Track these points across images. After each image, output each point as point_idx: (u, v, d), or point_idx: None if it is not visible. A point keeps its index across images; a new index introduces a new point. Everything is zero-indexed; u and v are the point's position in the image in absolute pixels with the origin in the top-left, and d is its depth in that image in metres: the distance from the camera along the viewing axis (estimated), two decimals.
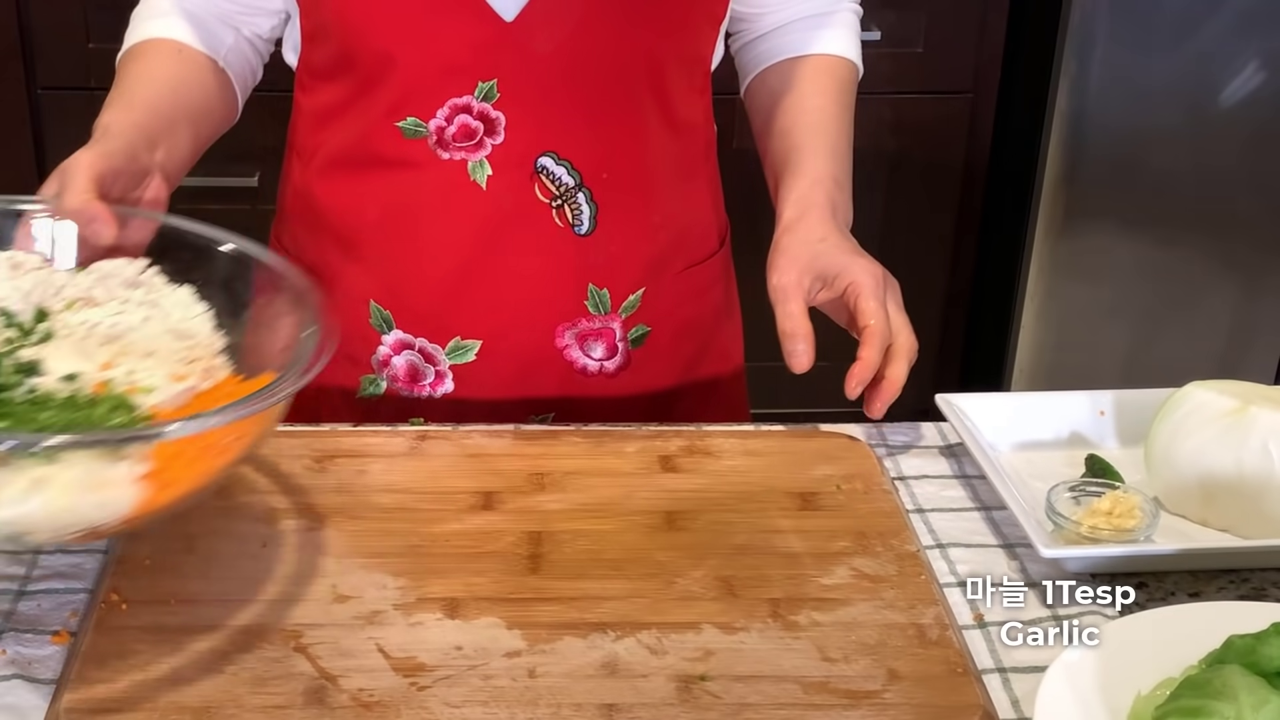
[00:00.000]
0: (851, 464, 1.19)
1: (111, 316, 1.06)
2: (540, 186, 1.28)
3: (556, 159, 1.27)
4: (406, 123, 1.26)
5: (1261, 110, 2.55)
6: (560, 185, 1.28)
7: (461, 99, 1.25)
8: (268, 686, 0.93)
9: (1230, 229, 2.63)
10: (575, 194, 1.29)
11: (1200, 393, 1.16)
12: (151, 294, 1.09)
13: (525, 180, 1.28)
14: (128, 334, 1.04)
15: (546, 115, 1.26)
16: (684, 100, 1.33)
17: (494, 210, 1.28)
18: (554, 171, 1.28)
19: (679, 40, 1.30)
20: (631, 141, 1.30)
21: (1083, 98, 2.52)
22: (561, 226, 1.30)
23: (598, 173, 1.29)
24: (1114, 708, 0.90)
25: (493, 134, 1.26)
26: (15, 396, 0.95)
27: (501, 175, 1.27)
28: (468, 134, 1.26)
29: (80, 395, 0.96)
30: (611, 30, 1.25)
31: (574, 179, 1.29)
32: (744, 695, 0.93)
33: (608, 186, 1.30)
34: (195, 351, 1.05)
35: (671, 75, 1.30)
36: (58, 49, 2.57)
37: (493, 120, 1.25)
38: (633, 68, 1.27)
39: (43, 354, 0.99)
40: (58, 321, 1.04)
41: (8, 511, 0.87)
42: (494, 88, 1.24)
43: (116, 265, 1.09)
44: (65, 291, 1.06)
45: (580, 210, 1.30)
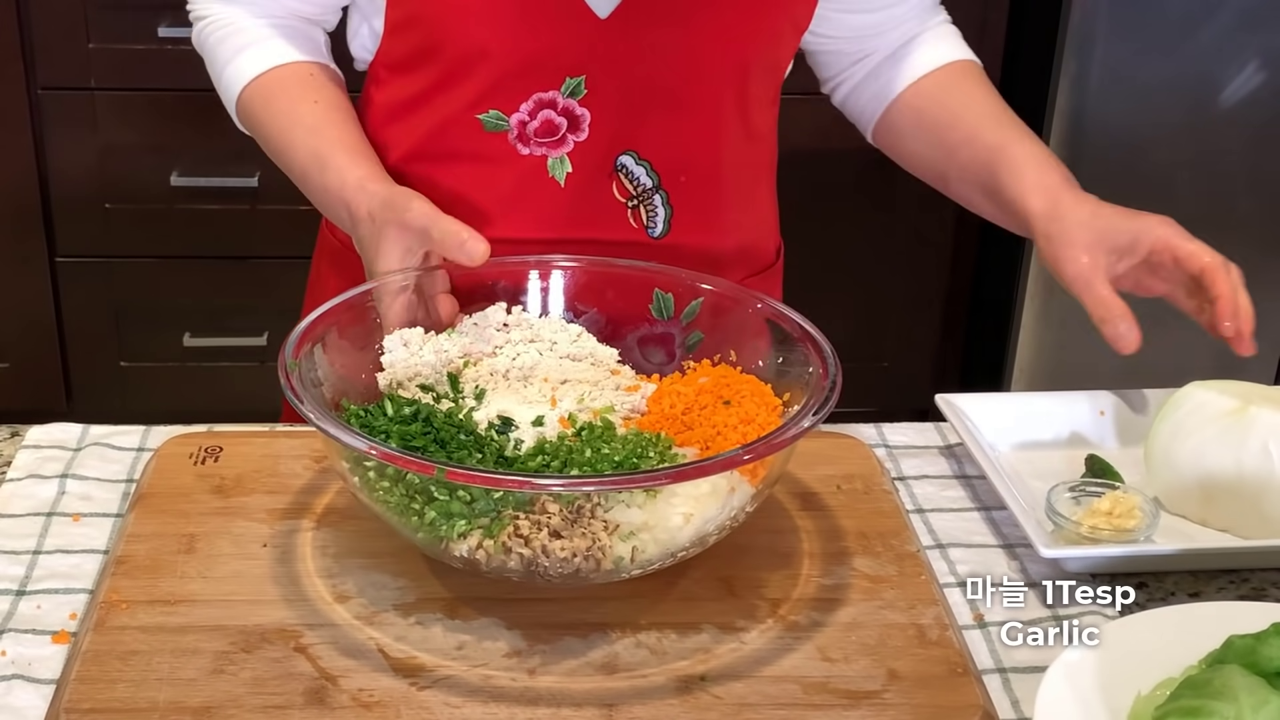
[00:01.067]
0: (851, 464, 1.19)
1: (511, 361, 1.13)
2: (619, 186, 1.28)
3: (637, 159, 1.27)
4: (489, 115, 1.25)
5: (1261, 110, 2.55)
6: (638, 185, 1.28)
7: (547, 94, 1.24)
8: (268, 686, 0.93)
9: (1230, 229, 2.62)
10: (652, 195, 1.29)
11: (1200, 393, 1.16)
12: (526, 330, 1.16)
13: (604, 178, 1.27)
14: (538, 369, 1.12)
15: (630, 114, 1.25)
16: (759, 109, 1.32)
17: (570, 208, 1.28)
18: (633, 171, 1.27)
19: (764, 46, 1.29)
20: (710, 146, 1.30)
21: (1083, 97, 2.52)
22: (636, 228, 1.30)
23: (676, 175, 1.29)
24: (1114, 708, 0.90)
25: (576, 130, 1.25)
26: (507, 446, 1.03)
27: (581, 172, 1.27)
28: (550, 129, 1.25)
29: (595, 432, 1.04)
30: (703, 33, 1.24)
31: (652, 180, 1.28)
32: (744, 695, 0.93)
33: (684, 190, 1.29)
34: (606, 366, 1.14)
35: (753, 82, 1.30)
36: (58, 49, 2.56)
37: (577, 117, 1.25)
38: (719, 72, 1.26)
39: (492, 410, 1.06)
40: (468, 379, 1.11)
41: (672, 539, 0.97)
42: (581, 84, 1.24)
43: (484, 315, 1.16)
44: (451, 353, 1.12)
45: (655, 212, 1.29)
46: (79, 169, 2.64)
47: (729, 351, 1.15)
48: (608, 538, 0.95)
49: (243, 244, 2.73)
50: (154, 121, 2.64)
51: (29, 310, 2.74)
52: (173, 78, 2.60)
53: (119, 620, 0.98)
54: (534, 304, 1.19)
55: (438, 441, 1.00)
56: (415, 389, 1.10)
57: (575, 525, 0.95)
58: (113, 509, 1.13)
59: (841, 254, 2.72)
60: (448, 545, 0.96)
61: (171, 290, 2.77)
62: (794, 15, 1.31)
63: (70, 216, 2.69)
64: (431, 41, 1.25)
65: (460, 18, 1.23)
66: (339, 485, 1.12)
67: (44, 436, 1.22)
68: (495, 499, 0.95)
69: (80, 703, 0.91)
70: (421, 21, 1.25)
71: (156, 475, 1.14)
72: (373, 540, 1.06)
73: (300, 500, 1.11)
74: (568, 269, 1.20)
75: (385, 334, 1.10)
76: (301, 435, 1.19)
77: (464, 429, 1.02)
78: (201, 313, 2.79)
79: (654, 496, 0.96)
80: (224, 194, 2.67)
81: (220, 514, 1.09)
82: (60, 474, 1.17)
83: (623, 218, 1.29)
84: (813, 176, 2.44)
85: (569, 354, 1.15)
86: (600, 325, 1.19)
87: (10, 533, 1.09)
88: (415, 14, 1.25)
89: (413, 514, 0.96)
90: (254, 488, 1.13)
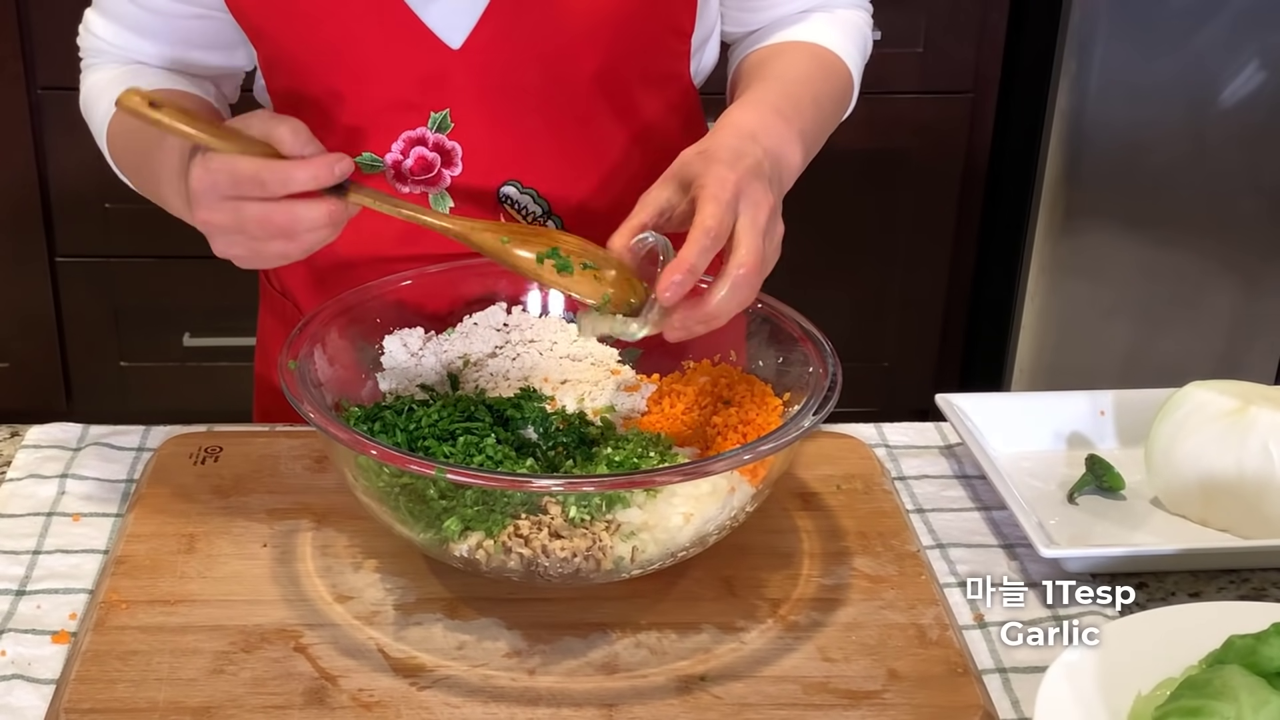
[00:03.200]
0: (851, 464, 1.19)
1: (511, 362, 1.13)
2: (506, 216, 1.24)
3: (520, 188, 1.23)
4: (363, 158, 1.22)
5: (1261, 110, 2.55)
6: (527, 214, 1.24)
7: (415, 131, 1.21)
8: (268, 686, 0.93)
9: (1230, 229, 2.63)
10: (545, 222, 1.25)
11: (1200, 393, 1.16)
12: (526, 331, 1.16)
13: (489, 212, 1.24)
14: (537, 370, 1.12)
15: (503, 143, 1.22)
16: (660, 119, 1.27)
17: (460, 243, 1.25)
18: (518, 200, 1.23)
19: (641, 59, 1.23)
20: (600, 166, 1.25)
21: (1083, 98, 2.52)
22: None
23: (566, 200, 1.25)
24: (1114, 708, 0.90)
25: (450, 165, 1.22)
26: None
27: (464, 207, 1.23)
28: (425, 166, 1.22)
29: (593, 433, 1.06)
30: (562, 53, 1.19)
31: (541, 206, 1.24)
32: (744, 695, 0.93)
33: (579, 213, 1.25)
34: (606, 366, 1.14)
35: (639, 95, 1.25)
36: (58, 49, 2.56)
37: (449, 151, 1.22)
38: (589, 90, 1.21)
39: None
40: (468, 379, 1.11)
41: (673, 539, 0.97)
42: (447, 118, 1.20)
43: (484, 316, 1.16)
44: (451, 353, 1.13)
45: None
46: (79, 169, 2.64)
47: (729, 351, 1.15)
48: (608, 538, 0.95)
49: None
50: None
51: (29, 310, 2.74)
52: None
53: (119, 620, 0.98)
54: (534, 304, 1.19)
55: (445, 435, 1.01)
56: (415, 389, 1.10)
57: (576, 525, 0.95)
58: (113, 509, 1.13)
59: (841, 254, 2.72)
60: (448, 545, 0.96)
61: (171, 290, 2.77)
62: (672, 22, 1.23)
63: (70, 216, 2.69)
64: (295, 84, 1.23)
65: (310, 63, 1.20)
66: (339, 485, 1.12)
67: (44, 436, 1.22)
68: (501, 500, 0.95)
69: (80, 703, 0.91)
70: (280, 65, 1.23)
71: (156, 475, 1.14)
72: (373, 540, 1.06)
73: (300, 500, 1.11)
74: None
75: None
76: (301, 435, 1.19)
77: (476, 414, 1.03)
78: (201, 313, 2.79)
79: (654, 496, 0.96)
80: None
81: (220, 514, 1.09)
82: (60, 474, 1.17)
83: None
84: (812, 176, 2.44)
85: (569, 354, 1.15)
86: None
87: (10, 533, 1.09)
88: (274, 57, 1.23)
89: (419, 512, 0.96)
90: (254, 488, 1.13)
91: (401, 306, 1.16)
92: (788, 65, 1.23)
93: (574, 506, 0.95)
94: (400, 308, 1.16)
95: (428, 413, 1.03)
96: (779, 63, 1.23)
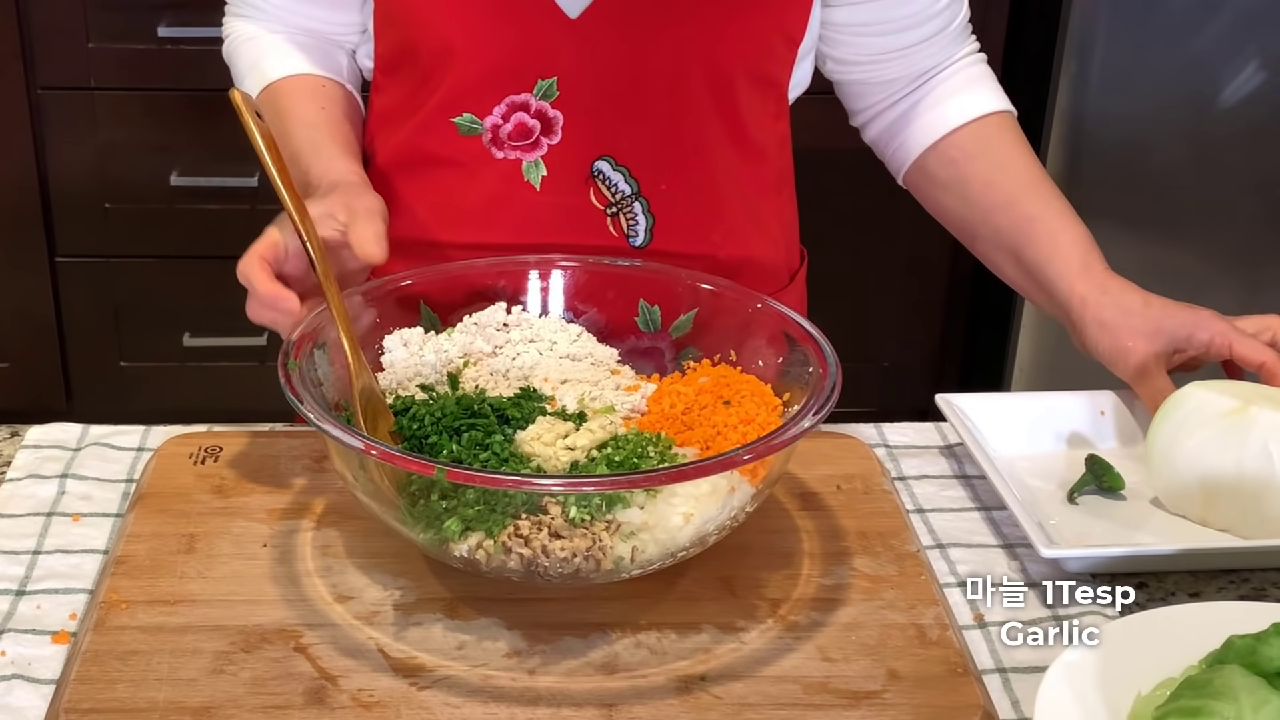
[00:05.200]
0: (851, 464, 1.19)
1: (511, 361, 1.14)
2: (595, 192, 1.26)
3: (614, 164, 1.25)
4: (462, 119, 1.24)
5: (1261, 110, 2.55)
6: (616, 192, 1.26)
7: (519, 96, 1.23)
8: (268, 686, 0.93)
9: (1230, 229, 2.63)
10: (631, 203, 1.27)
11: (1200, 393, 1.16)
12: (527, 330, 1.16)
13: (580, 184, 1.26)
14: (538, 369, 1.13)
15: (605, 118, 1.24)
16: (756, 124, 1.29)
17: (547, 213, 1.26)
18: (610, 177, 1.25)
19: (748, 56, 1.25)
20: (694, 156, 1.27)
21: (1083, 98, 2.52)
22: (616, 236, 1.28)
23: (656, 183, 1.26)
24: (1114, 708, 0.90)
25: (549, 134, 1.24)
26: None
27: (556, 177, 1.25)
28: (524, 133, 1.24)
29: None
30: (678, 39, 1.21)
31: (631, 187, 1.26)
32: (744, 695, 0.93)
33: (666, 198, 1.27)
34: (606, 366, 1.15)
35: (741, 94, 1.27)
36: (58, 49, 2.56)
37: (550, 119, 1.23)
38: (696, 77, 1.24)
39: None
40: (468, 379, 1.12)
41: (672, 539, 0.97)
42: (553, 86, 1.22)
43: (484, 315, 1.16)
44: (451, 353, 1.13)
45: (636, 220, 1.27)
46: (79, 169, 2.64)
47: (729, 351, 1.15)
48: (608, 538, 0.95)
49: (243, 244, 2.70)
50: (154, 121, 2.64)
51: (29, 310, 2.74)
52: (173, 78, 2.60)
53: (119, 620, 0.98)
54: (534, 304, 1.19)
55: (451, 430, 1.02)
56: (415, 389, 1.10)
57: (576, 525, 0.95)
58: (113, 509, 1.13)
59: (842, 254, 2.72)
60: (448, 545, 0.96)
61: (171, 290, 2.77)
62: (784, 27, 1.27)
63: (70, 216, 2.69)
64: (407, 42, 1.25)
65: (430, 16, 1.22)
66: (339, 485, 1.12)
67: (44, 436, 1.22)
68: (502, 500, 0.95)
69: (80, 703, 0.91)
70: (398, 21, 1.25)
71: (156, 475, 1.14)
72: (373, 540, 1.06)
73: (300, 500, 1.11)
74: (568, 269, 1.20)
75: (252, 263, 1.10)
76: (301, 435, 1.19)
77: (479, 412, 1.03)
78: (201, 313, 2.79)
79: (654, 496, 0.96)
80: (224, 194, 2.67)
81: (220, 514, 1.09)
82: (60, 474, 1.17)
83: (601, 225, 1.27)
84: (812, 176, 2.44)
85: (569, 354, 1.15)
86: (599, 326, 1.19)
87: (10, 533, 1.09)
88: (392, 13, 1.25)
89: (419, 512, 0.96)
90: (254, 488, 1.13)
91: (401, 306, 1.16)
92: (1029, 166, 1.35)
93: (574, 506, 0.95)
94: (400, 307, 1.16)
95: (430, 410, 1.03)
96: (1020, 165, 1.35)
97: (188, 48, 2.59)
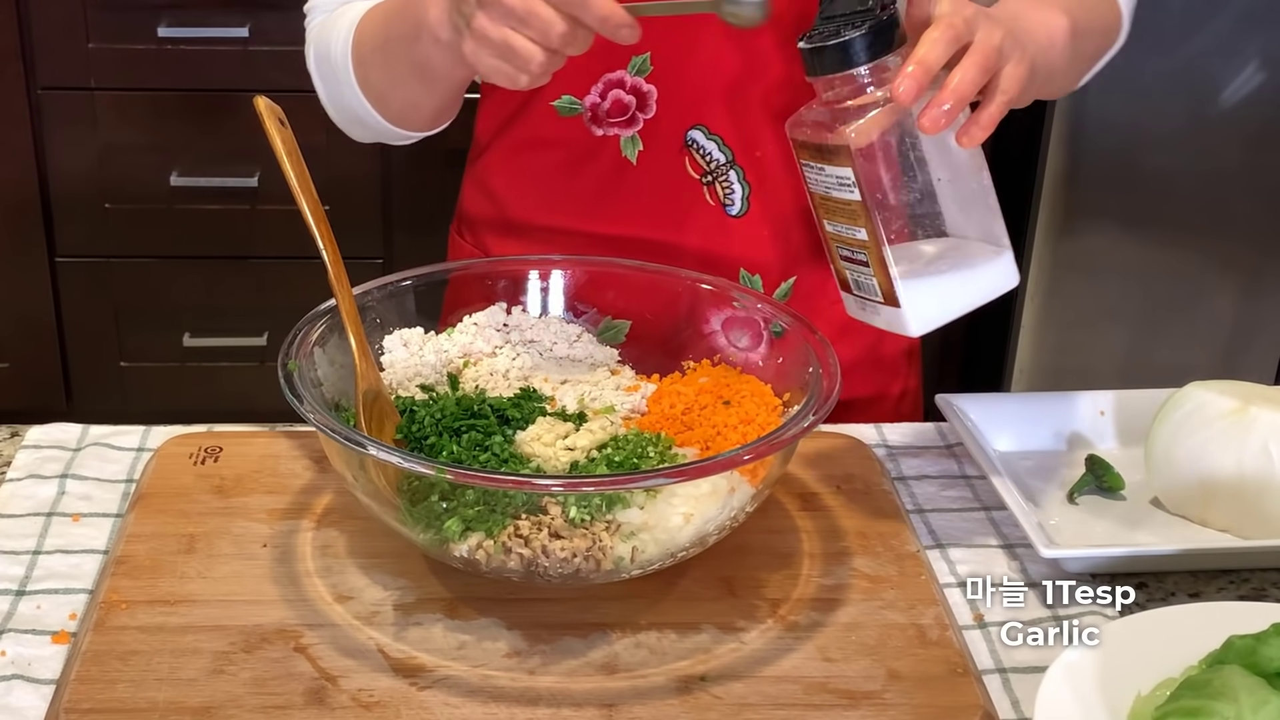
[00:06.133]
0: (851, 464, 1.19)
1: (511, 361, 1.14)
2: (691, 162, 1.28)
3: (707, 133, 1.27)
4: (562, 101, 1.27)
5: (1261, 110, 2.55)
6: (710, 161, 1.27)
7: (615, 74, 1.25)
8: (268, 686, 0.93)
9: (1230, 229, 2.63)
10: (726, 171, 1.28)
11: (1200, 393, 1.16)
12: (526, 331, 1.17)
13: (675, 155, 1.27)
14: (538, 369, 1.13)
15: (697, 89, 1.25)
16: None
17: (646, 186, 1.28)
18: (704, 146, 1.27)
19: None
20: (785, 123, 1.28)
21: (1083, 98, 2.52)
22: (713, 205, 1.29)
23: (750, 150, 1.28)
24: (1114, 708, 0.90)
25: (644, 108, 1.26)
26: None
27: (652, 150, 1.27)
28: (621, 109, 1.26)
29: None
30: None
31: (725, 155, 1.28)
32: (744, 695, 0.93)
33: (761, 165, 1.28)
34: (606, 366, 1.15)
35: None
36: (58, 49, 2.57)
37: (645, 94, 1.25)
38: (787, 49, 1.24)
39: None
40: (468, 379, 1.12)
41: (672, 539, 0.97)
42: (647, 61, 1.24)
43: (483, 316, 1.17)
44: (451, 352, 1.14)
45: (732, 189, 1.29)
46: (79, 169, 2.64)
47: (729, 351, 1.15)
48: (608, 538, 0.95)
49: (243, 244, 2.73)
50: (154, 121, 2.64)
51: (29, 310, 2.74)
52: (173, 78, 2.60)
53: (119, 620, 0.98)
54: (534, 304, 1.19)
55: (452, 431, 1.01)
56: (415, 389, 1.10)
57: (576, 525, 0.95)
58: (113, 509, 1.13)
59: None
60: (448, 545, 0.96)
61: (171, 290, 2.77)
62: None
63: (70, 216, 2.70)
64: None
65: None
66: (339, 485, 1.12)
67: (44, 436, 1.22)
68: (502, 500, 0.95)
69: (80, 703, 0.91)
70: None
71: (156, 475, 1.14)
72: (373, 540, 1.06)
73: (300, 500, 1.11)
74: (568, 269, 1.20)
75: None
76: (301, 435, 1.19)
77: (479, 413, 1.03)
78: (201, 313, 2.79)
79: (654, 496, 0.96)
80: (224, 194, 2.67)
81: (220, 514, 1.09)
82: (60, 474, 1.17)
83: (698, 195, 1.29)
84: None
85: (569, 354, 1.15)
86: (599, 326, 1.19)
87: (10, 533, 1.09)
88: None
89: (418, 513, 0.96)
90: (254, 488, 1.13)
91: (402, 305, 1.16)
92: None
93: (574, 506, 0.95)
94: (400, 306, 1.16)
95: (430, 410, 1.04)
96: None
97: (188, 48, 2.59)
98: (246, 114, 1.38)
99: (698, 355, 1.17)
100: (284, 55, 2.52)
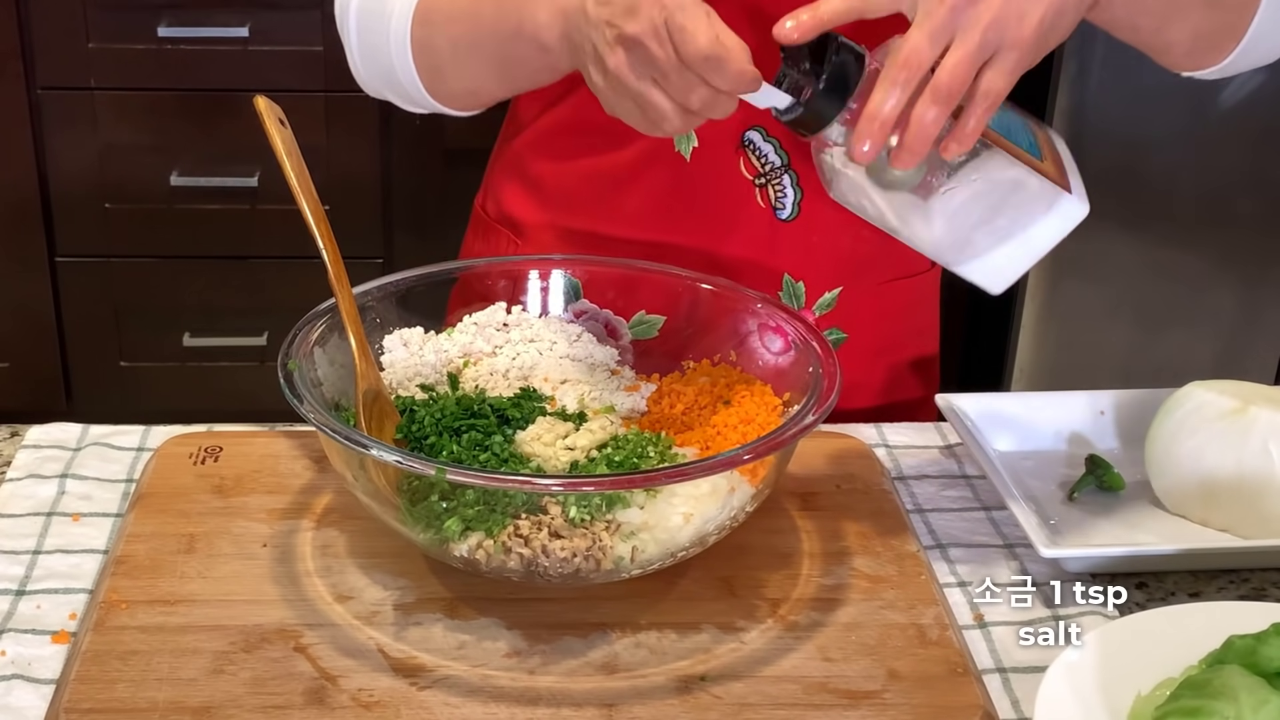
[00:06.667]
0: (851, 464, 1.19)
1: (511, 361, 1.14)
2: (746, 162, 1.26)
3: (765, 135, 1.25)
4: None
5: (1261, 110, 2.55)
6: (766, 163, 1.26)
7: None
8: (268, 686, 0.93)
9: (1230, 229, 2.63)
10: (781, 175, 1.27)
11: (1200, 393, 1.16)
12: (526, 331, 1.16)
13: (731, 154, 1.26)
14: (538, 369, 1.13)
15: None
16: None
17: (696, 183, 1.26)
18: (761, 148, 1.25)
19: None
20: None
21: (1083, 98, 2.52)
22: (763, 208, 1.28)
23: (806, 156, 1.26)
24: (1114, 708, 0.90)
25: None
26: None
27: (707, 147, 1.25)
28: None
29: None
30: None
31: (781, 159, 1.26)
32: (744, 695, 0.93)
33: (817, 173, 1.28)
34: (606, 366, 1.15)
35: None
36: (58, 49, 2.57)
37: None
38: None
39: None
40: (468, 379, 1.12)
41: (672, 539, 0.97)
42: None
43: (484, 315, 1.17)
44: (451, 352, 1.13)
45: (784, 193, 1.27)
46: (79, 169, 2.64)
47: (729, 351, 1.15)
48: (608, 538, 0.95)
49: (242, 244, 2.73)
50: (154, 121, 2.64)
51: (29, 310, 2.74)
52: (173, 78, 2.61)
53: (119, 620, 0.98)
54: (534, 304, 1.19)
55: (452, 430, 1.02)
56: (415, 389, 1.10)
57: (576, 525, 0.95)
58: (113, 509, 1.13)
59: None
60: (448, 545, 0.96)
61: (171, 290, 2.77)
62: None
63: (70, 216, 2.70)
64: None
65: None
66: (339, 485, 1.12)
67: (44, 436, 1.22)
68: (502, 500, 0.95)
69: (80, 703, 0.91)
70: None
71: (156, 475, 1.14)
72: (373, 540, 1.06)
73: (300, 500, 1.11)
74: (567, 269, 1.20)
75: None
76: (301, 435, 1.19)
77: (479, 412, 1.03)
78: (201, 313, 2.79)
79: (654, 496, 0.96)
80: (224, 194, 2.67)
81: (220, 514, 1.09)
82: (60, 474, 1.17)
83: (749, 196, 1.27)
84: None
85: (569, 354, 1.15)
86: (599, 326, 1.18)
87: (10, 533, 1.09)
88: None
89: (418, 513, 0.96)
90: (254, 488, 1.13)
91: (402, 305, 1.16)
92: None
93: (574, 506, 0.95)
94: (401, 306, 1.16)
95: (430, 410, 1.04)
96: None
97: (188, 48, 2.59)
98: (246, 114, 1.38)
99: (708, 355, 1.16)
100: (284, 55, 2.53)
